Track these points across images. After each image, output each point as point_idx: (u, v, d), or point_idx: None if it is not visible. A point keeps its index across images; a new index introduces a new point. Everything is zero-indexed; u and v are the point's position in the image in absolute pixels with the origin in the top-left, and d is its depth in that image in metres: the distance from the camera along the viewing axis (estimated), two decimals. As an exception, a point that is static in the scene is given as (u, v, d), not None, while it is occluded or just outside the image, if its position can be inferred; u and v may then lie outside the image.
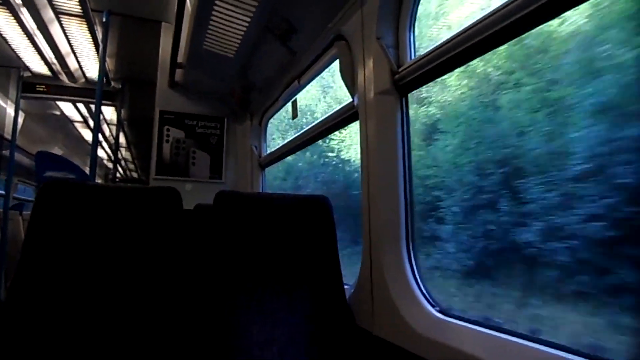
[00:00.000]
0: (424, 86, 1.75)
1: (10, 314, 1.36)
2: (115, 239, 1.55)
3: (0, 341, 1.33)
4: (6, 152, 4.95)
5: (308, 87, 2.83)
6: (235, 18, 2.49)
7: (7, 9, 3.44)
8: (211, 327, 1.52)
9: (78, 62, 4.58)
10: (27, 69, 4.69)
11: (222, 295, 1.58)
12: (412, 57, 1.72)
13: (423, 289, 1.60)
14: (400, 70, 1.69)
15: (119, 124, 5.74)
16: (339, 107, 2.19)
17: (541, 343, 1.11)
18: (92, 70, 4.76)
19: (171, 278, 1.57)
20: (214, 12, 2.48)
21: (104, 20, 3.75)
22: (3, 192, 5.05)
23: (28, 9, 3.50)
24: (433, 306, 1.54)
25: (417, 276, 1.63)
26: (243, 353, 1.52)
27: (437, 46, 1.49)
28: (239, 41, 2.72)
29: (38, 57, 4.38)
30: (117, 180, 6.49)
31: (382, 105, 1.74)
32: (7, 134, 4.91)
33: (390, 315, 1.57)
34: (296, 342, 1.60)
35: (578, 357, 1.01)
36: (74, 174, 4.07)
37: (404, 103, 1.75)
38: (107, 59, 4.30)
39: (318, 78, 2.70)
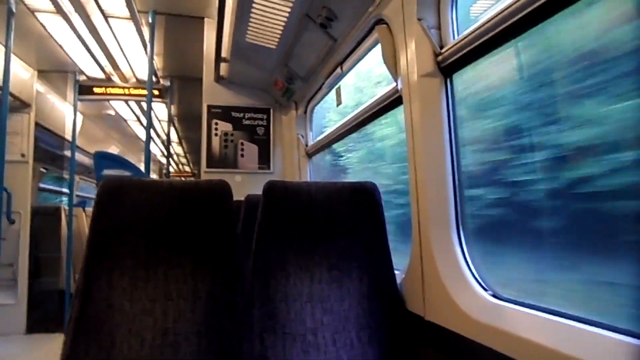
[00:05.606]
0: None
1: (80, 305, 1.45)
2: (170, 230, 1.61)
3: (75, 332, 1.42)
4: (68, 153, 5.23)
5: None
6: (276, 8, 2.51)
7: (61, 15, 3.61)
8: (264, 315, 1.56)
9: (128, 62, 4.76)
10: (82, 72, 4.92)
11: (273, 283, 1.62)
12: (456, 37, 1.66)
13: (475, 272, 1.57)
14: (443, 51, 1.65)
15: (170, 120, 5.92)
16: (382, 92, 2.17)
17: (605, 328, 1.05)
18: (142, 70, 4.92)
19: (225, 268, 1.62)
20: (254, 4, 2.51)
21: (150, 20, 3.87)
22: (67, 190, 5.36)
23: (80, 15, 3.65)
24: (486, 290, 1.51)
25: (469, 260, 1.61)
26: (298, 339, 1.55)
27: (481, 23, 1.43)
28: (280, 31, 2.74)
29: (91, 60, 4.58)
30: (170, 174, 6.71)
31: (426, 88, 1.71)
32: (68, 135, 5.18)
33: (441, 299, 1.55)
34: (348, 328, 1.62)
35: None
36: (129, 170, 4.25)
37: (449, 84, 1.71)
38: (155, 58, 4.43)
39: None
